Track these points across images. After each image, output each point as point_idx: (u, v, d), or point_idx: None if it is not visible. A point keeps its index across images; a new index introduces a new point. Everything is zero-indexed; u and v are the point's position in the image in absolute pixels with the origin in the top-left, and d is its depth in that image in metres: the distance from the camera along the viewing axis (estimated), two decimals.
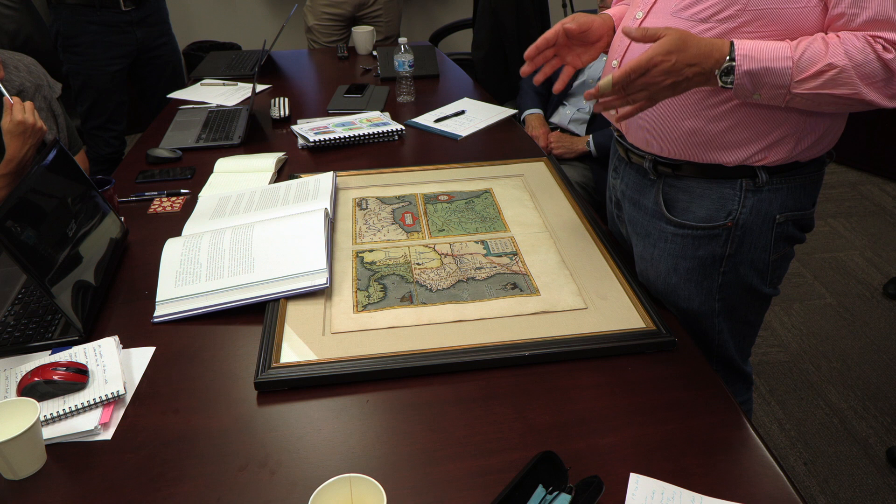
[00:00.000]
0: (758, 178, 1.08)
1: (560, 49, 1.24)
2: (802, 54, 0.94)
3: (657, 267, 1.21)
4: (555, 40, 1.21)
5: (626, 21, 1.15)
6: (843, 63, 0.93)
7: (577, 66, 1.26)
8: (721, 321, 1.21)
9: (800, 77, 0.95)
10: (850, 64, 0.93)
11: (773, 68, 0.95)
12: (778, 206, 1.11)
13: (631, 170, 1.23)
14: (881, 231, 3.01)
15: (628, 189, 1.25)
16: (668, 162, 1.13)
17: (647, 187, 1.19)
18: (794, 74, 0.95)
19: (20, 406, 0.89)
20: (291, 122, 2.06)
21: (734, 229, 1.12)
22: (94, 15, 2.47)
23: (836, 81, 0.94)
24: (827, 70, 0.94)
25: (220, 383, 1.04)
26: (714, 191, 1.11)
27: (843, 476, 1.85)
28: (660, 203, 1.17)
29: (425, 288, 1.21)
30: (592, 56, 1.26)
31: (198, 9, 4.14)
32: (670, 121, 1.09)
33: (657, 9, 1.09)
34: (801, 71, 0.94)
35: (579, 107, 2.28)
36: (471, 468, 0.87)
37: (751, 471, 0.87)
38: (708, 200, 1.12)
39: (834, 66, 0.93)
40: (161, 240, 1.32)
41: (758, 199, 1.10)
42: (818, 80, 0.95)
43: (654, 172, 1.16)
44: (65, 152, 1.29)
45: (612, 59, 1.16)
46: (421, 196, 1.54)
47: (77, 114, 2.63)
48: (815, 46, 0.94)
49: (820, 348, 2.32)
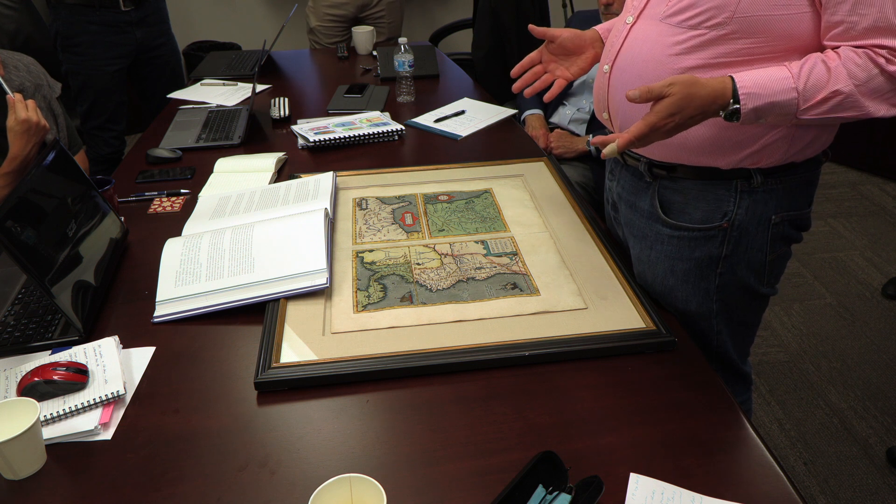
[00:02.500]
0: (753, 180, 1.08)
1: (548, 64, 1.30)
2: (806, 83, 0.93)
3: (654, 269, 1.21)
4: (538, 59, 1.30)
5: (618, 25, 1.16)
6: (848, 89, 0.92)
7: (568, 78, 1.30)
8: (719, 322, 1.21)
9: (805, 105, 0.94)
10: (855, 86, 0.92)
11: (778, 102, 0.94)
12: (773, 206, 1.11)
13: (626, 172, 1.23)
14: (881, 231, 3.01)
15: (624, 191, 1.25)
16: (663, 165, 1.13)
17: (643, 189, 1.19)
18: (800, 104, 0.94)
19: (20, 406, 0.89)
20: (291, 122, 2.06)
21: (730, 230, 1.12)
22: (93, 15, 2.47)
23: (842, 106, 0.94)
24: (833, 97, 0.93)
25: (220, 383, 1.04)
26: (709, 192, 1.11)
27: (843, 476, 1.85)
28: (655, 205, 1.17)
29: (425, 288, 1.21)
30: (581, 68, 1.30)
31: (198, 9, 4.14)
32: None
33: (647, 14, 1.09)
34: (807, 100, 0.94)
35: (579, 107, 2.28)
36: (471, 468, 0.87)
37: (751, 471, 0.87)
38: (703, 202, 1.12)
39: (839, 92, 0.92)
40: (161, 240, 1.32)
41: (753, 200, 1.10)
42: (824, 107, 0.94)
43: (650, 175, 1.16)
44: (65, 152, 1.29)
45: (604, 64, 1.17)
46: (421, 196, 1.54)
47: (77, 114, 2.63)
48: (817, 72, 0.93)
49: (820, 348, 2.32)
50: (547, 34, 1.27)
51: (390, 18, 3.16)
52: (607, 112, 1.18)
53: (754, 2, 0.96)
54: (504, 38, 2.96)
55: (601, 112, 1.20)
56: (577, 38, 1.28)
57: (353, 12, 3.10)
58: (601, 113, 1.20)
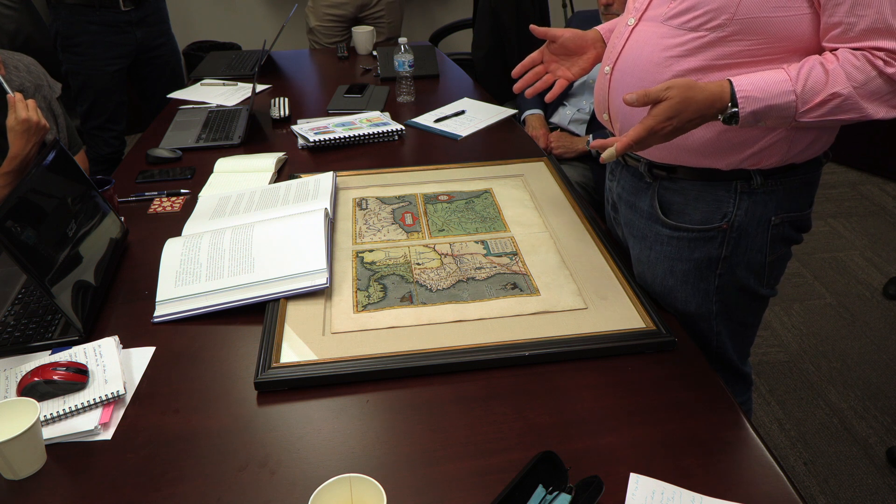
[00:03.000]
0: (753, 181, 1.08)
1: (549, 64, 1.30)
2: (805, 85, 0.93)
3: (654, 269, 1.21)
4: (540, 59, 1.30)
5: (620, 27, 1.16)
6: (846, 91, 0.92)
7: (569, 78, 1.30)
8: (719, 323, 1.21)
9: (804, 108, 0.94)
10: (853, 88, 0.92)
11: (776, 105, 0.94)
12: (773, 207, 1.11)
13: (627, 173, 1.23)
14: (881, 231, 3.01)
15: (624, 192, 1.25)
16: (663, 165, 1.13)
17: (643, 190, 1.19)
18: (799, 107, 0.94)
19: (20, 406, 0.89)
20: (291, 122, 2.06)
21: (729, 231, 1.12)
22: (93, 15, 2.47)
23: (841, 108, 0.94)
24: (831, 99, 0.93)
25: (220, 383, 1.04)
26: (709, 193, 1.11)
27: (843, 476, 1.85)
28: (655, 206, 1.17)
29: (425, 288, 1.21)
30: (582, 68, 1.30)
31: (198, 9, 4.14)
32: None
33: (648, 16, 1.09)
34: (805, 102, 0.94)
35: (579, 107, 2.28)
36: (471, 468, 0.87)
37: (751, 471, 0.87)
38: (703, 203, 1.12)
39: (838, 94, 0.93)
40: (161, 240, 1.32)
41: (753, 202, 1.10)
42: (823, 109, 0.94)
43: (650, 176, 1.16)
44: (65, 152, 1.29)
45: (605, 66, 1.17)
46: (421, 196, 1.54)
47: (77, 114, 2.63)
48: (815, 75, 0.93)
49: (820, 348, 2.32)
50: (548, 34, 1.27)
51: (390, 18, 3.16)
52: (608, 113, 1.18)
53: (754, 3, 0.96)
54: (504, 38, 2.96)
55: (602, 113, 1.20)
56: (578, 38, 1.28)
57: (353, 12, 3.10)
58: (602, 114, 1.20)
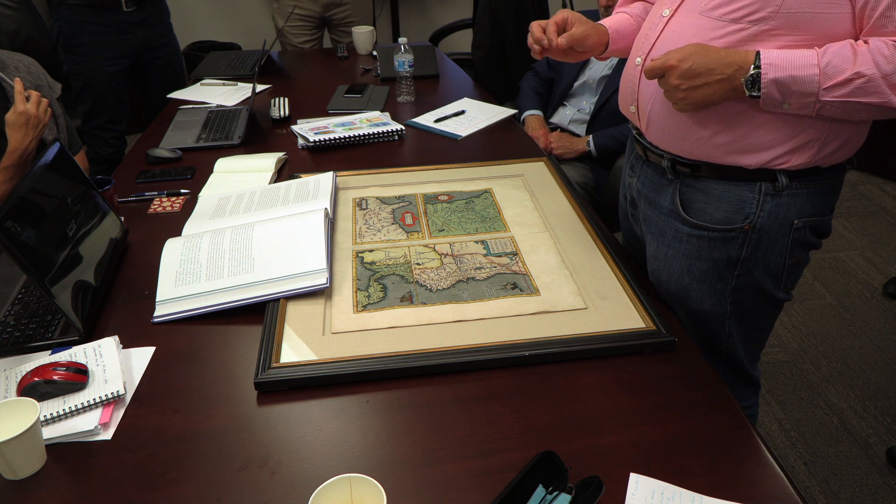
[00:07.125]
0: (777, 182, 1.07)
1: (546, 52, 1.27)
2: (830, 61, 0.93)
3: (670, 267, 1.20)
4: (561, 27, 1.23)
5: (653, 18, 1.15)
6: (871, 72, 0.92)
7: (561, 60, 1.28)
8: (732, 324, 1.20)
9: (827, 84, 0.94)
10: (879, 73, 0.91)
11: (799, 76, 0.94)
12: (797, 210, 1.10)
13: (648, 168, 1.22)
14: (881, 231, 3.01)
15: (644, 187, 1.24)
16: (687, 162, 1.12)
17: (664, 186, 1.19)
18: (822, 82, 0.94)
19: (20, 406, 0.89)
20: (291, 122, 2.06)
21: (751, 233, 1.11)
22: (95, 15, 2.47)
23: (864, 90, 0.93)
24: (855, 78, 0.92)
25: (220, 383, 1.04)
26: (732, 193, 1.10)
27: (843, 476, 1.84)
28: (676, 203, 1.16)
29: (425, 288, 1.21)
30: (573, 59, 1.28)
31: (198, 9, 4.14)
32: (694, 122, 1.08)
33: (685, 7, 1.07)
34: (829, 78, 0.93)
35: (579, 107, 2.28)
36: (471, 468, 0.87)
37: (751, 471, 0.87)
38: (725, 202, 1.11)
39: (862, 74, 0.92)
40: (161, 240, 1.32)
41: (776, 204, 1.09)
42: (846, 88, 0.93)
43: (672, 172, 1.15)
44: (65, 152, 1.29)
45: (636, 57, 1.16)
46: (421, 196, 1.54)
47: (77, 114, 2.63)
48: (843, 53, 0.93)
49: (820, 348, 2.32)
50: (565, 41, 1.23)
51: (358, 17, 3.13)
52: (635, 105, 1.16)
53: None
54: (504, 37, 2.96)
55: (628, 106, 1.18)
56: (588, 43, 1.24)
57: (320, 11, 3.08)
58: (628, 107, 1.19)
